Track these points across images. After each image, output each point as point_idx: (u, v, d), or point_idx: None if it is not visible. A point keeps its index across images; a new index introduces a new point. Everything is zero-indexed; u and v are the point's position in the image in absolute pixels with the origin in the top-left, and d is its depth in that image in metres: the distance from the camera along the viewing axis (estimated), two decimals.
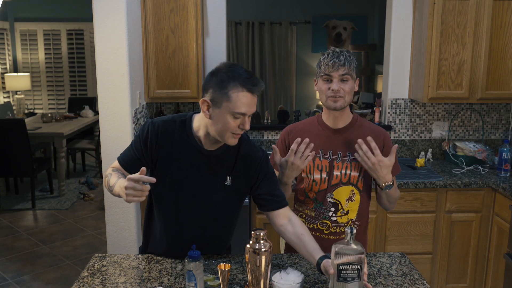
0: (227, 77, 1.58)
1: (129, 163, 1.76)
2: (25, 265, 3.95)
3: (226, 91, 1.57)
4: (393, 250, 3.12)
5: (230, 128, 1.61)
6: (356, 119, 2.00)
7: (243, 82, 1.57)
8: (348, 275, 1.54)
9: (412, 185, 3.05)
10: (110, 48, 2.83)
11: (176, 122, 1.74)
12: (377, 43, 7.05)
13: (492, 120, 3.67)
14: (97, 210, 5.24)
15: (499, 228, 3.03)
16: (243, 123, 1.62)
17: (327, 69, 1.85)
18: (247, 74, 1.59)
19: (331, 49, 1.90)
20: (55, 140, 5.53)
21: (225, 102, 1.58)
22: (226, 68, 1.61)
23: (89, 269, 1.82)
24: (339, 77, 1.85)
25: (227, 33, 3.82)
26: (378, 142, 1.93)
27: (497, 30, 3.19)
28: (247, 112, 1.60)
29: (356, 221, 1.99)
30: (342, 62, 1.84)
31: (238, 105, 1.57)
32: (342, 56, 1.85)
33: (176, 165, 1.73)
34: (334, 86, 1.86)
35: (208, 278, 1.67)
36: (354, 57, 1.89)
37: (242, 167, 1.77)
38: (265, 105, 7.50)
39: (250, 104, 1.59)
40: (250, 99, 1.59)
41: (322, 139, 1.97)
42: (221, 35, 3.55)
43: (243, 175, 1.78)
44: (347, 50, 1.90)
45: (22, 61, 7.38)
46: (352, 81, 1.88)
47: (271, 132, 3.67)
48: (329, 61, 1.85)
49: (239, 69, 1.60)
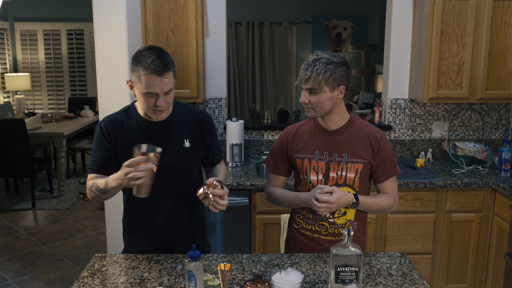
0: (136, 61, 1.76)
1: (102, 164, 1.89)
2: (25, 265, 3.95)
3: (138, 74, 1.76)
4: (393, 250, 3.12)
5: (148, 106, 1.80)
6: (353, 119, 1.98)
7: (148, 65, 1.73)
8: (346, 277, 1.54)
9: (412, 185, 3.05)
10: (110, 48, 2.83)
11: (121, 112, 1.95)
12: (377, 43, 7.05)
13: (492, 120, 3.67)
14: (97, 210, 5.24)
15: (499, 228, 3.03)
16: (158, 101, 1.77)
17: (299, 79, 1.87)
18: (155, 57, 1.73)
19: (310, 57, 1.86)
20: (55, 140, 5.54)
21: (138, 83, 1.77)
22: (141, 52, 1.78)
23: (89, 269, 1.82)
24: (307, 90, 1.86)
25: (227, 33, 3.82)
26: (373, 143, 1.94)
27: (497, 30, 3.19)
28: (158, 92, 1.76)
29: (354, 221, 1.99)
30: (308, 76, 1.82)
31: (147, 85, 1.74)
32: (310, 69, 1.82)
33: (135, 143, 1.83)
34: (301, 98, 1.89)
35: (208, 278, 1.67)
36: (332, 67, 1.81)
37: (197, 128, 1.97)
38: (265, 105, 7.50)
39: (158, 84, 1.74)
40: (157, 80, 1.74)
41: (319, 141, 1.97)
42: (221, 35, 3.55)
43: (198, 136, 1.97)
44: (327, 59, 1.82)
45: (22, 61, 7.37)
46: (323, 93, 1.84)
47: (271, 132, 3.67)
48: (301, 70, 1.86)
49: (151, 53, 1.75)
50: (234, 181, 3.02)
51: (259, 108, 7.41)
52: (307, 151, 1.97)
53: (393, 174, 1.98)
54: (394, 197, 2.01)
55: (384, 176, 1.98)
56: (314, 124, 2.01)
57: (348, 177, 1.94)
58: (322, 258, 1.91)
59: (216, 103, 3.63)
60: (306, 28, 7.35)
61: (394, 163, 1.99)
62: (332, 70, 1.82)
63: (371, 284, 1.71)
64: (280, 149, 2.05)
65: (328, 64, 1.82)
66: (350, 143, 1.93)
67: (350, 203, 1.88)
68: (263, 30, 7.28)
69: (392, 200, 2.00)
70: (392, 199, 2.00)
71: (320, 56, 1.84)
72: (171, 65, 1.80)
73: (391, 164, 1.97)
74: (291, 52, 7.39)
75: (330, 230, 1.97)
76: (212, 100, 3.62)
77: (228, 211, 3.04)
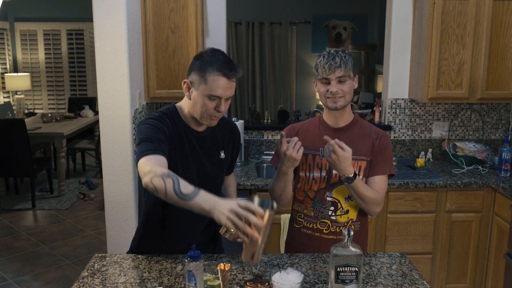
0: (206, 61, 1.71)
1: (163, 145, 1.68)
2: (25, 265, 3.95)
3: (203, 74, 1.70)
4: (393, 250, 3.12)
5: (207, 110, 1.74)
6: (357, 119, 2.01)
7: (219, 66, 1.69)
8: (346, 277, 1.54)
9: (412, 185, 3.05)
10: (110, 48, 2.82)
11: (167, 115, 1.80)
12: (377, 43, 7.05)
13: (492, 120, 3.67)
14: (97, 210, 5.24)
15: (499, 228, 3.04)
16: (219, 106, 1.73)
17: (324, 72, 1.87)
18: (225, 60, 1.71)
19: (326, 51, 1.91)
20: (55, 140, 5.54)
21: (202, 84, 1.71)
22: (208, 53, 1.74)
23: (89, 269, 1.82)
24: (337, 79, 1.87)
25: (227, 33, 3.82)
26: (375, 140, 1.95)
27: (497, 30, 3.19)
28: (221, 95, 1.71)
29: (356, 221, 1.98)
30: (338, 64, 1.85)
31: (213, 88, 1.70)
32: (338, 57, 1.86)
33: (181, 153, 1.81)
34: (332, 88, 1.88)
35: (208, 278, 1.67)
36: (350, 56, 1.90)
37: (229, 138, 1.98)
38: (265, 105, 7.50)
39: (225, 87, 1.70)
40: (225, 83, 1.70)
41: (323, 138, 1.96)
42: (221, 35, 3.55)
43: (229, 146, 1.98)
44: (342, 50, 1.91)
45: (22, 61, 7.38)
46: (351, 81, 1.90)
47: (271, 132, 3.67)
48: (326, 63, 1.86)
49: (219, 55, 1.73)
50: None
51: (259, 108, 7.41)
52: (312, 147, 1.98)
53: (386, 172, 1.95)
54: (382, 197, 1.94)
55: (375, 170, 1.93)
56: (318, 122, 2.02)
57: None
58: (322, 258, 1.91)
59: None
60: (306, 28, 7.35)
61: (390, 162, 1.97)
62: (351, 60, 1.90)
63: (371, 284, 1.71)
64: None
65: (347, 54, 1.90)
66: (355, 140, 1.93)
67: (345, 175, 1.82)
68: (263, 30, 7.29)
69: (379, 198, 1.92)
70: (379, 196, 1.93)
71: (334, 50, 1.90)
72: (240, 70, 1.75)
73: (386, 161, 1.95)
74: (291, 52, 7.39)
75: (332, 228, 1.97)
76: None
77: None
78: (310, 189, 1.99)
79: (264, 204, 1.39)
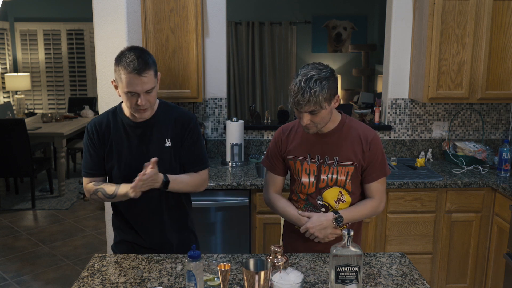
0: (118, 61, 1.82)
1: (93, 167, 1.98)
2: (25, 265, 3.95)
3: (118, 74, 1.81)
4: (393, 250, 3.12)
5: (131, 105, 1.84)
6: (345, 121, 1.97)
7: (126, 64, 1.78)
8: (346, 277, 1.54)
9: (412, 185, 3.05)
10: (110, 48, 2.83)
11: (109, 112, 2.00)
12: (377, 43, 7.05)
13: (492, 120, 3.67)
14: (97, 210, 5.24)
15: (499, 228, 3.03)
16: (138, 100, 1.81)
17: (294, 104, 1.81)
18: (132, 58, 1.78)
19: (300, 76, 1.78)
20: (55, 140, 5.54)
21: (119, 82, 1.82)
22: (121, 52, 1.83)
23: (89, 269, 1.82)
24: (308, 112, 1.81)
25: (227, 33, 3.82)
26: (364, 145, 1.93)
27: (497, 30, 3.19)
28: (138, 91, 1.80)
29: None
30: (307, 100, 1.75)
31: (126, 84, 1.79)
32: (307, 93, 1.74)
33: (121, 145, 1.95)
34: (303, 120, 1.83)
35: (208, 278, 1.67)
36: (326, 81, 1.76)
37: (178, 129, 1.98)
38: (265, 105, 7.50)
39: (136, 83, 1.78)
40: (135, 79, 1.78)
41: (310, 143, 1.97)
42: (221, 35, 3.55)
43: (179, 137, 1.98)
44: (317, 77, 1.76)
45: (22, 61, 7.38)
46: (324, 110, 1.80)
47: (271, 132, 3.67)
48: (295, 97, 1.78)
49: (130, 53, 1.80)
50: (234, 181, 3.02)
51: (259, 108, 7.41)
52: (299, 153, 1.98)
53: (381, 176, 1.97)
54: (379, 199, 1.99)
55: (372, 177, 1.96)
56: None
57: (339, 179, 1.94)
58: (322, 258, 1.91)
59: (216, 103, 3.63)
60: (306, 28, 7.35)
61: (383, 164, 1.97)
62: (327, 86, 1.77)
63: (371, 284, 1.71)
64: (275, 149, 2.06)
65: (321, 81, 1.76)
66: (341, 145, 1.93)
67: (332, 220, 1.90)
68: (263, 30, 7.29)
69: (376, 204, 1.98)
70: (377, 202, 1.98)
71: (309, 75, 1.76)
72: (151, 64, 1.82)
73: (380, 165, 1.96)
74: (291, 52, 7.39)
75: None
76: (212, 100, 3.62)
77: (228, 211, 3.06)
78: (301, 192, 2.02)
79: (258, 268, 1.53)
